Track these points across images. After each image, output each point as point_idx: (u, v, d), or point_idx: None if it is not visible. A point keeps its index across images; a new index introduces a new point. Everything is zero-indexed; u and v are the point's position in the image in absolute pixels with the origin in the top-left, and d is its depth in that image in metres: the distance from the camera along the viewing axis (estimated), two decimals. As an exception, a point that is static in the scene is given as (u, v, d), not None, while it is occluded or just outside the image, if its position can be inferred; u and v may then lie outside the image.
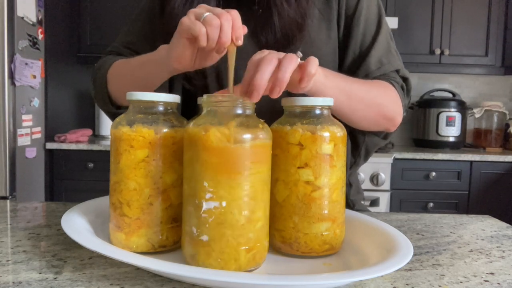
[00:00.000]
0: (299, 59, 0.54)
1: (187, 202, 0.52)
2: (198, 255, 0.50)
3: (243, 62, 0.58)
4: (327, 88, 0.63)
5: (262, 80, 0.50)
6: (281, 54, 0.54)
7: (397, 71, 0.81)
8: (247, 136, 0.49)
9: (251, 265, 0.51)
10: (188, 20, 0.56)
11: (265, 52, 0.56)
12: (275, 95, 0.51)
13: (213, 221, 0.49)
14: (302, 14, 0.74)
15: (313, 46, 0.78)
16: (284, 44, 0.75)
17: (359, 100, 0.71)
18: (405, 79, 0.82)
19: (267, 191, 0.53)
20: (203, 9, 0.57)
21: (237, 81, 0.81)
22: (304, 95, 0.61)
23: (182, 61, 0.60)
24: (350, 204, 0.88)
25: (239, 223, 0.49)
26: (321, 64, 0.79)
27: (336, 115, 0.71)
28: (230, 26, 0.55)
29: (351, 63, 0.81)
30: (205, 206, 0.49)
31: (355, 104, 0.70)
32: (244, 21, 0.57)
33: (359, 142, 0.84)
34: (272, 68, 0.51)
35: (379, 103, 0.74)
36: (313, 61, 0.55)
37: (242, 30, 0.57)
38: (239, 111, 0.52)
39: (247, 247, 0.50)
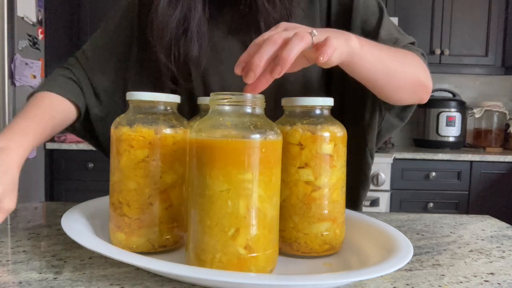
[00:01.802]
0: (312, 37, 0.49)
1: (231, 221, 0.47)
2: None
3: (230, 63, 0.56)
4: (362, 59, 0.58)
5: (261, 60, 0.46)
6: (292, 33, 0.49)
7: (412, 44, 0.79)
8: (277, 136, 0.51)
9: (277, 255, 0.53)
10: None
11: (276, 30, 0.51)
12: (275, 74, 0.47)
13: (261, 226, 0.49)
14: (286, 15, 0.74)
15: None
16: None
17: (396, 68, 0.67)
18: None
19: None
20: None
21: (223, 87, 0.80)
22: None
23: None
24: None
25: (275, 219, 0.51)
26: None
27: (371, 88, 0.69)
28: None
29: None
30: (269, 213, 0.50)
31: (393, 73, 0.66)
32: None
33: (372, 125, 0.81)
34: (275, 49, 0.47)
35: (414, 70, 0.71)
36: (331, 42, 0.49)
37: None
38: (248, 110, 0.49)
39: (276, 242, 0.52)
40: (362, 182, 0.84)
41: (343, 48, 0.54)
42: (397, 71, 0.67)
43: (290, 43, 0.47)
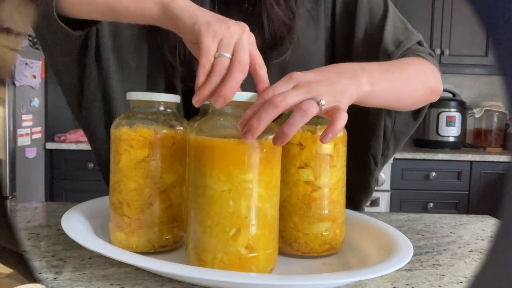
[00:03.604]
0: (319, 108, 0.47)
1: (232, 221, 0.47)
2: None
3: None
4: (374, 96, 0.58)
5: (259, 123, 0.45)
6: (301, 94, 0.48)
7: (419, 42, 0.78)
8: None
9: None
10: (206, 58, 0.49)
11: (288, 83, 0.49)
12: (277, 145, 0.47)
13: (261, 226, 0.49)
14: (290, 15, 0.73)
15: (300, 46, 0.77)
16: (272, 45, 0.74)
17: (409, 88, 0.67)
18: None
19: None
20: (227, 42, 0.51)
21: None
22: None
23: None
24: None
25: (275, 219, 0.51)
26: (308, 63, 0.78)
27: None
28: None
29: (364, 46, 0.78)
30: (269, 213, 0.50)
31: (405, 95, 0.67)
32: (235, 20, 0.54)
33: (386, 132, 0.80)
34: (275, 113, 0.46)
35: (425, 80, 0.71)
36: (340, 119, 0.47)
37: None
38: None
39: (276, 242, 0.52)
40: (364, 187, 0.83)
41: (352, 95, 0.53)
42: (409, 91, 0.68)
43: (293, 118, 0.46)
